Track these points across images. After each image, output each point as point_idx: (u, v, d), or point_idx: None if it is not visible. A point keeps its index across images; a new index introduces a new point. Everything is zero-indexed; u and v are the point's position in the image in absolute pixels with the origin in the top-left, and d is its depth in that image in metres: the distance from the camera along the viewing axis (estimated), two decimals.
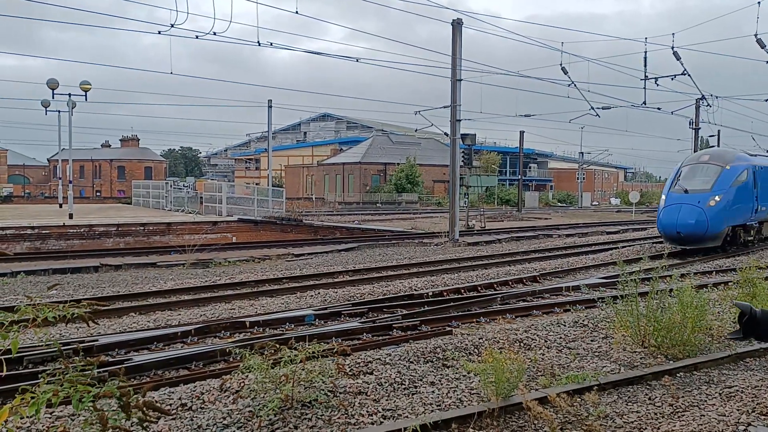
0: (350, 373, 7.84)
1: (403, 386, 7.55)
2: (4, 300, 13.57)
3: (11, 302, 12.74)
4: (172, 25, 14.17)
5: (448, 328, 11.14)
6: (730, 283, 13.36)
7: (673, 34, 27.79)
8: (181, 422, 6.30)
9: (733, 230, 22.85)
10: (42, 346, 8.77)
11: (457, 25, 22.63)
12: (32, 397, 3.51)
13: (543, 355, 9.06)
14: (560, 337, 10.02)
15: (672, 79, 29.29)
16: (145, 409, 3.86)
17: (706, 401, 7.41)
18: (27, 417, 3.60)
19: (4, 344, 3.78)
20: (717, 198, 21.49)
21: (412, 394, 7.31)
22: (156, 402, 6.53)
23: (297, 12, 16.62)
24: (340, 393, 7.14)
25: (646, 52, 28.21)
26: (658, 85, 29.50)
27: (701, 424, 6.70)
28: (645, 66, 28.61)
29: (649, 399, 7.44)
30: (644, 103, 30.89)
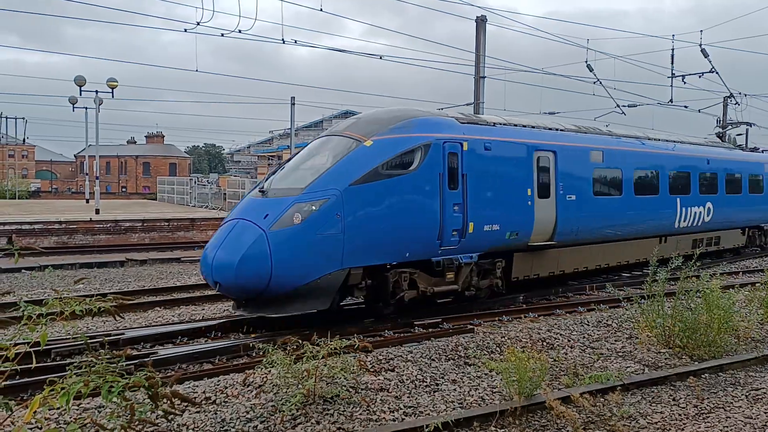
0: (372, 370, 7.86)
1: (425, 384, 7.56)
2: (33, 293, 13.81)
3: (39, 296, 12.96)
4: (198, 23, 14.32)
5: (470, 326, 11.09)
6: (757, 284, 13.14)
7: (701, 31, 27.40)
8: (205, 415, 6.37)
9: (380, 275, 11.01)
10: (69, 339, 8.92)
11: (481, 21, 22.52)
12: (62, 388, 3.57)
13: (566, 354, 9.01)
14: (583, 337, 9.95)
15: (700, 76, 28.82)
16: (172, 398, 3.92)
17: (731, 403, 7.31)
18: (56, 408, 3.66)
19: (32, 337, 3.85)
20: (312, 206, 9.90)
21: (434, 392, 7.31)
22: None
23: (321, 9, 16.68)
24: (362, 389, 7.17)
25: (673, 49, 27.78)
26: (685, 82, 29.05)
27: (726, 426, 6.62)
28: (672, 63, 28.17)
29: (674, 400, 7.36)
30: (671, 101, 30.45)
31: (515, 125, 14.01)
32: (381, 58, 20.71)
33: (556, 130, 15.08)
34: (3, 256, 4.56)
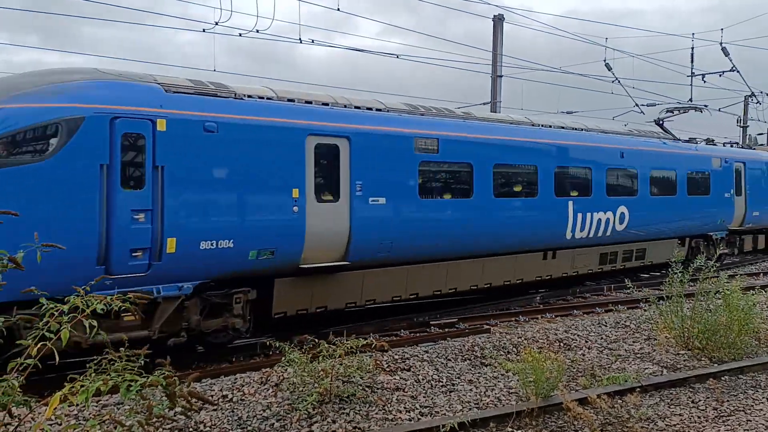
0: (388, 369, 7.86)
1: (441, 384, 7.55)
2: None
3: None
4: (217, 23, 14.43)
5: (486, 327, 11.08)
6: None
7: (722, 29, 27.13)
8: (222, 413, 6.42)
9: None
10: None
11: (498, 20, 22.45)
12: (81, 386, 3.62)
13: (583, 355, 8.95)
14: (601, 338, 9.88)
15: (720, 75, 28.53)
16: (189, 398, 3.95)
17: (752, 406, 7.22)
18: (76, 405, 3.71)
19: (54, 335, 3.90)
20: None
21: (450, 392, 7.30)
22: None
23: (339, 9, 16.72)
24: (378, 389, 7.17)
25: (693, 48, 27.56)
26: (705, 81, 28.78)
27: (747, 429, 6.54)
28: (692, 62, 27.94)
29: (693, 402, 7.29)
30: (690, 99, 30.15)
31: (290, 100, 10.27)
32: (398, 57, 20.72)
33: (367, 108, 11.34)
34: None
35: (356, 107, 11.13)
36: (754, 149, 23.28)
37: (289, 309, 9.93)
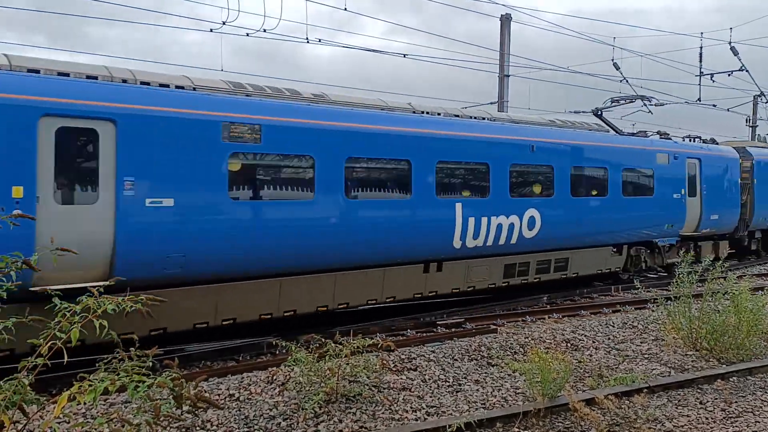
0: (394, 369, 7.87)
1: (447, 383, 7.55)
2: None
3: None
4: (224, 23, 14.44)
5: (493, 327, 11.07)
6: None
7: (731, 28, 26.99)
8: (229, 412, 6.44)
9: None
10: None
11: (505, 20, 22.41)
12: (90, 385, 3.64)
13: (590, 356, 8.93)
14: (608, 338, 9.86)
15: (729, 75, 28.39)
16: (196, 401, 3.96)
17: (761, 407, 7.20)
18: (84, 404, 3.74)
19: (64, 334, 3.93)
20: None
21: (456, 392, 7.30)
22: (205, 392, 6.69)
23: (345, 8, 16.72)
24: (384, 388, 7.18)
25: (701, 47, 27.42)
26: (714, 81, 28.63)
27: (756, 431, 6.52)
28: (700, 62, 27.80)
29: (701, 403, 7.27)
30: (699, 99, 30.02)
31: (32, 70, 8.42)
32: (405, 56, 20.71)
33: (162, 85, 9.31)
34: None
35: (143, 83, 8.97)
36: (717, 144, 20.51)
37: (16, 346, 6.66)
